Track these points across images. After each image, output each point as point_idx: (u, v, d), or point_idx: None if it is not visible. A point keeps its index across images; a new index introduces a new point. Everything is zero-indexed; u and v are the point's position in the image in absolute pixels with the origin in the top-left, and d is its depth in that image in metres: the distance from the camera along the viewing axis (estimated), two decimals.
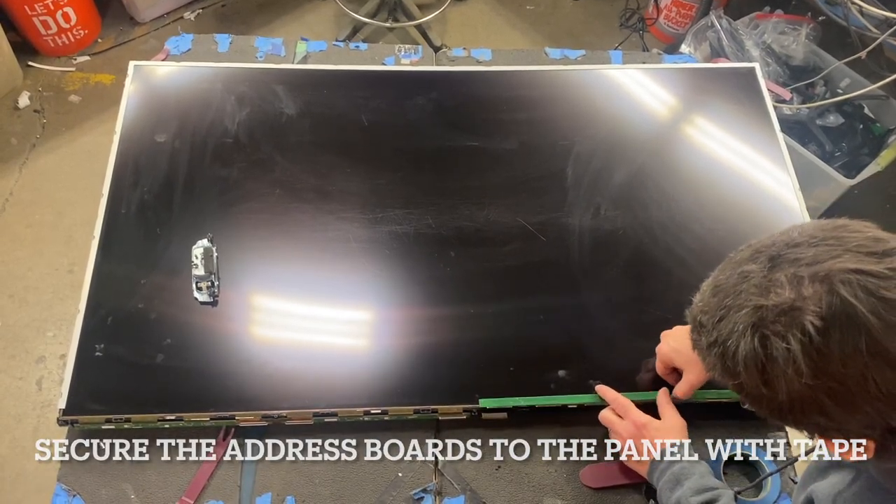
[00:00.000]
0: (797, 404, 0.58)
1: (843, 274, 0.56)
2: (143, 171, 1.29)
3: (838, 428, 0.60)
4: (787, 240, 0.61)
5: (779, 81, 2.32)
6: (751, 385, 0.60)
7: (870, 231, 0.60)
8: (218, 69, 1.44)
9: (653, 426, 1.01)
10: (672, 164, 1.38)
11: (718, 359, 0.63)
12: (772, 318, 0.57)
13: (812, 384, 0.56)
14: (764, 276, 0.60)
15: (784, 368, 0.57)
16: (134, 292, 1.16)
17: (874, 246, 0.58)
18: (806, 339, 0.55)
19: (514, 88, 1.46)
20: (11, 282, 2.18)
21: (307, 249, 1.23)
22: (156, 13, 2.87)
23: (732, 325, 0.60)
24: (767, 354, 0.57)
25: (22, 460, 1.89)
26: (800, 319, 0.56)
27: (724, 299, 0.62)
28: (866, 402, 0.56)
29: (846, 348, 0.55)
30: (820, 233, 0.60)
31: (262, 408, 1.07)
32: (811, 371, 0.56)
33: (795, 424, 0.63)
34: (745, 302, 0.60)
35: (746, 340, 0.59)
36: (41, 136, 2.51)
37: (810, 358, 0.55)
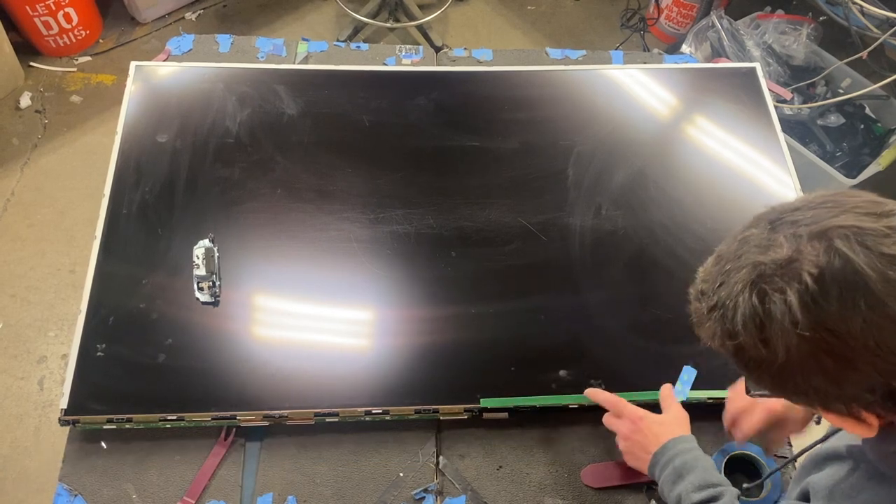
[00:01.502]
0: (796, 363, 0.58)
1: (841, 230, 0.56)
2: (145, 171, 1.29)
3: (839, 393, 0.59)
4: (787, 205, 0.62)
5: (780, 81, 2.32)
6: (750, 346, 0.60)
7: (868, 196, 0.61)
8: (219, 69, 1.44)
9: (651, 419, 1.00)
10: (673, 165, 1.38)
11: (718, 322, 0.62)
12: (769, 272, 0.57)
13: (810, 336, 0.55)
14: (763, 238, 0.60)
15: (781, 321, 0.56)
16: (135, 292, 1.16)
17: (873, 207, 0.58)
18: (803, 287, 0.55)
19: (515, 88, 1.46)
20: (13, 281, 2.18)
21: (308, 249, 1.23)
22: (157, 13, 2.87)
23: (732, 286, 0.60)
24: (765, 309, 0.57)
25: (24, 460, 1.89)
26: (797, 271, 0.56)
27: (725, 265, 0.62)
28: (866, 359, 0.55)
29: (845, 302, 0.54)
30: (819, 198, 0.61)
31: (263, 408, 1.08)
32: (808, 322, 0.55)
33: (796, 393, 0.61)
34: (745, 262, 0.60)
35: (745, 298, 0.59)
36: (42, 136, 2.52)
37: (807, 309, 0.55)
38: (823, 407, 0.62)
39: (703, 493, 0.90)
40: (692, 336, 1.10)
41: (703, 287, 0.65)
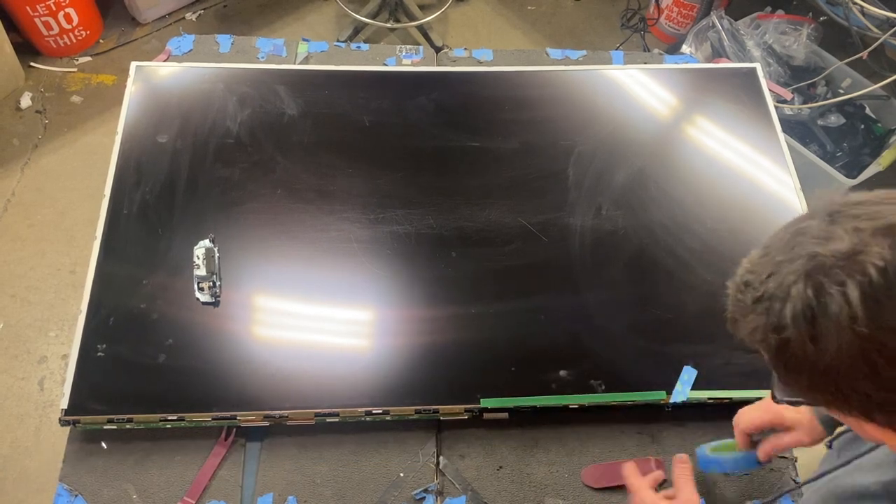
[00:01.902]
0: (845, 364, 0.54)
1: None
2: (145, 171, 1.29)
3: (885, 401, 0.55)
4: (847, 199, 0.59)
5: (780, 81, 2.32)
6: (797, 342, 0.55)
7: None
8: (219, 70, 1.44)
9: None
10: (673, 165, 1.38)
11: (763, 315, 0.58)
12: (830, 264, 0.54)
13: (867, 335, 0.52)
14: (822, 229, 0.56)
15: (837, 316, 0.52)
16: (136, 292, 1.17)
17: None
18: (866, 280, 0.52)
19: (516, 89, 1.46)
20: (13, 282, 2.18)
21: (308, 250, 1.23)
22: (157, 14, 2.88)
23: (783, 278, 0.56)
24: (821, 303, 0.53)
25: (24, 460, 1.89)
26: (861, 264, 0.52)
27: (776, 256, 0.58)
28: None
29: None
30: (882, 194, 0.58)
31: (263, 408, 1.08)
32: (867, 317, 0.51)
33: (836, 397, 0.57)
34: (800, 253, 0.56)
35: (799, 289, 0.55)
36: (43, 136, 2.52)
37: (868, 304, 0.51)
38: (864, 415, 0.58)
39: None
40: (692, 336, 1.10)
41: (749, 278, 0.60)
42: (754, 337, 0.60)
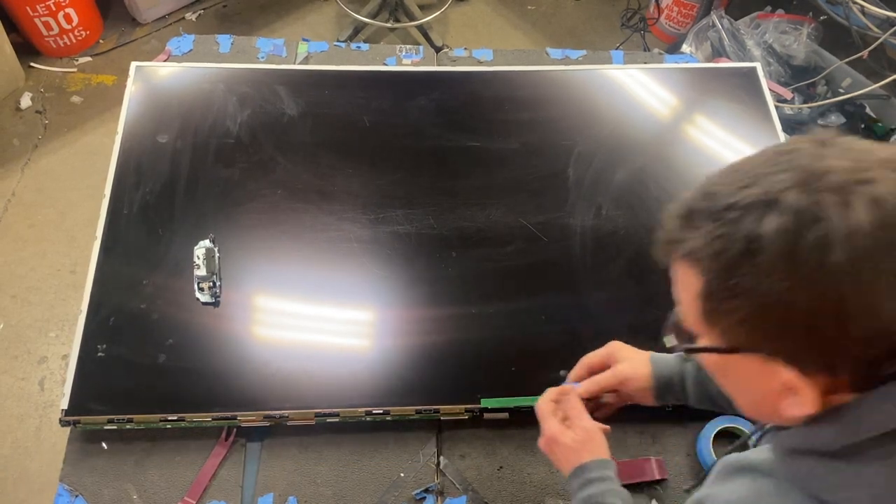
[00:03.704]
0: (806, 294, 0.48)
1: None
2: (145, 171, 1.29)
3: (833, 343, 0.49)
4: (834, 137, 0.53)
5: (780, 81, 2.32)
6: (767, 258, 0.48)
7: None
8: (219, 70, 1.44)
9: (560, 440, 0.90)
10: (673, 165, 1.38)
11: (731, 224, 0.50)
12: (832, 177, 0.48)
13: (856, 260, 0.46)
14: (816, 150, 0.51)
15: (836, 230, 0.46)
16: (136, 293, 1.16)
17: None
18: (877, 194, 0.46)
19: (516, 89, 1.46)
20: (14, 282, 2.18)
21: (309, 250, 1.23)
22: (157, 14, 2.88)
23: (769, 186, 0.49)
24: (816, 214, 0.47)
25: (24, 460, 1.89)
26: (870, 179, 0.47)
27: (755, 170, 0.52)
28: (892, 303, 0.47)
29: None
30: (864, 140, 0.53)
31: (264, 408, 1.08)
32: (867, 240, 0.46)
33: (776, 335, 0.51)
34: (792, 165, 0.50)
35: (791, 196, 0.48)
36: (43, 136, 2.52)
37: (873, 223, 0.46)
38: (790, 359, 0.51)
39: None
40: None
41: (716, 189, 0.53)
42: (705, 251, 0.52)
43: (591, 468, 0.86)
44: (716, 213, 0.52)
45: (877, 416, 0.50)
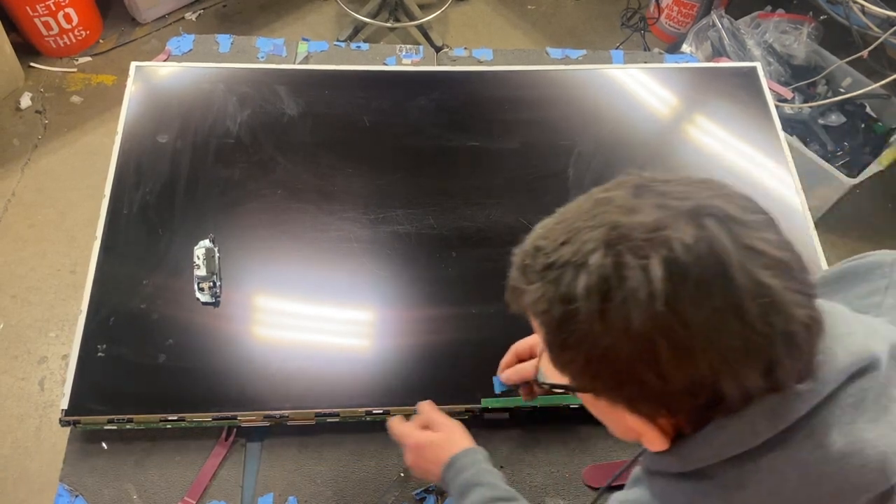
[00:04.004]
0: (625, 346, 0.50)
1: (713, 210, 0.51)
2: (145, 171, 1.29)
3: (660, 390, 0.51)
4: (655, 175, 0.56)
5: (780, 81, 2.32)
6: (584, 317, 0.51)
7: (736, 187, 0.57)
8: (219, 69, 1.44)
9: (426, 443, 0.93)
10: (674, 164, 1.38)
11: (552, 284, 0.53)
12: (633, 235, 0.50)
13: (659, 316, 0.48)
14: (627, 201, 0.53)
15: (635, 291, 0.49)
16: (136, 293, 1.16)
17: (741, 200, 0.54)
18: (671, 256, 0.48)
19: (516, 88, 1.46)
20: (14, 282, 2.18)
21: (309, 250, 1.23)
22: (157, 13, 2.88)
23: (581, 245, 0.52)
24: (619, 274, 0.49)
25: (24, 461, 1.89)
26: (666, 239, 0.49)
27: (575, 223, 0.54)
28: (705, 354, 0.49)
29: (701, 286, 0.48)
30: (690, 177, 0.56)
31: (264, 408, 1.08)
32: (665, 296, 0.48)
33: (607, 384, 0.54)
34: (602, 221, 0.52)
35: (596, 258, 0.50)
36: (43, 136, 2.52)
37: (667, 282, 0.48)
38: (628, 404, 0.55)
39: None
40: None
41: (542, 244, 0.56)
42: (537, 307, 0.55)
43: (461, 457, 0.90)
44: (540, 271, 0.55)
45: (704, 451, 0.55)
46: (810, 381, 0.52)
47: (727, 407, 0.52)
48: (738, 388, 0.51)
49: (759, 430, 0.52)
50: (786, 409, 0.52)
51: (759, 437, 0.53)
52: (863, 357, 0.53)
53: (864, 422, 0.52)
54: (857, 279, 0.70)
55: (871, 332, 0.56)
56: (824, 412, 0.53)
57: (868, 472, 0.51)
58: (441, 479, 0.92)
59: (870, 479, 0.51)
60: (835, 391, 0.53)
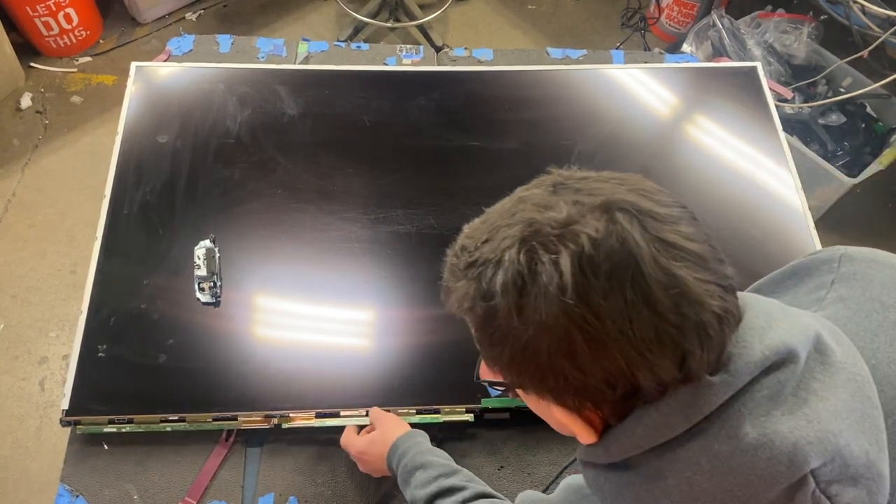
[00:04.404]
0: (544, 339, 0.51)
1: (624, 204, 0.52)
2: (145, 171, 1.29)
3: (580, 382, 0.52)
4: (574, 173, 0.58)
5: (781, 80, 2.32)
6: (503, 312, 0.53)
7: (653, 183, 0.57)
8: (219, 70, 1.44)
9: (366, 445, 1.00)
10: (674, 164, 1.38)
11: (474, 281, 0.55)
12: (545, 231, 0.52)
13: (571, 308, 0.49)
14: (543, 199, 0.55)
15: (547, 286, 0.50)
16: (136, 293, 1.16)
17: (656, 194, 0.55)
18: (579, 250, 0.50)
19: (516, 88, 1.46)
20: (14, 282, 2.18)
21: (309, 250, 1.23)
22: (157, 14, 2.88)
23: (499, 242, 0.54)
24: (532, 269, 0.51)
25: (25, 461, 1.89)
26: (576, 234, 0.51)
27: (496, 221, 0.56)
28: (617, 346, 0.50)
29: (612, 279, 0.49)
30: (608, 174, 0.57)
31: (264, 408, 1.08)
32: (575, 289, 0.49)
33: (532, 377, 0.55)
34: (518, 219, 0.54)
35: (512, 255, 0.52)
36: (43, 136, 2.52)
37: (576, 274, 0.49)
38: (555, 398, 0.56)
39: (431, 488, 0.89)
40: None
41: (466, 243, 0.58)
42: (463, 305, 0.57)
43: (399, 445, 0.96)
44: (464, 269, 0.56)
45: (625, 443, 0.57)
46: (724, 374, 0.53)
47: (644, 398, 0.54)
48: (654, 379, 0.52)
49: (673, 423, 0.54)
50: (699, 401, 0.53)
51: (674, 430, 0.54)
52: (779, 350, 0.54)
53: (780, 414, 0.53)
54: (806, 275, 0.72)
55: (793, 326, 0.56)
56: (738, 404, 0.53)
57: (777, 463, 0.52)
58: (391, 473, 0.97)
59: (779, 471, 0.52)
60: (750, 384, 0.54)
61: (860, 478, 0.54)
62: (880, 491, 0.56)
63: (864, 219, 2.45)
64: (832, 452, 0.53)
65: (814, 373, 0.55)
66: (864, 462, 0.54)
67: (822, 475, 0.53)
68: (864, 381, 0.57)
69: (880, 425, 0.57)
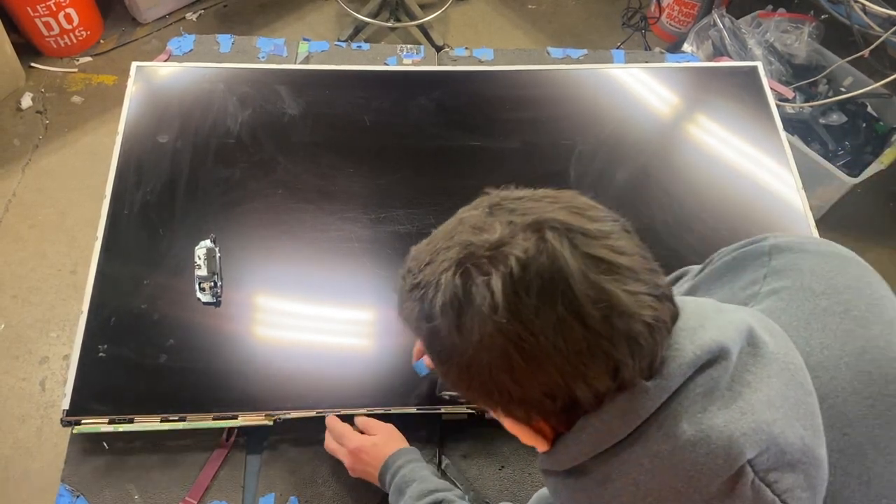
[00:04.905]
0: (486, 356, 0.54)
1: (555, 223, 0.54)
2: (146, 171, 1.29)
3: (522, 395, 0.55)
4: (511, 193, 0.60)
5: (781, 80, 2.31)
6: (445, 331, 0.55)
7: (586, 199, 0.61)
8: (220, 69, 1.44)
9: (367, 444, 1.00)
10: (674, 164, 1.38)
11: (418, 302, 0.58)
12: (479, 253, 0.54)
13: (505, 326, 0.52)
14: (480, 220, 0.57)
15: (480, 306, 0.53)
16: (137, 293, 1.16)
17: (587, 210, 0.58)
18: (507, 272, 0.52)
19: (517, 88, 1.46)
20: (14, 282, 2.18)
21: (309, 250, 1.23)
22: (158, 14, 2.88)
23: (439, 265, 0.57)
24: (466, 290, 0.54)
25: (26, 461, 1.89)
26: (505, 255, 0.53)
27: (438, 243, 0.59)
28: (552, 360, 0.52)
29: (543, 296, 0.52)
30: (543, 192, 0.60)
31: (265, 408, 1.08)
32: (506, 311, 0.52)
33: (480, 391, 0.57)
34: (456, 242, 0.57)
35: (448, 277, 0.55)
36: (44, 136, 2.52)
37: (508, 296, 0.52)
38: (504, 411, 0.59)
39: (423, 502, 0.91)
40: None
41: (411, 265, 0.61)
42: (410, 324, 0.60)
43: (400, 455, 0.98)
44: (409, 291, 0.60)
45: (573, 451, 0.59)
46: (658, 378, 0.55)
47: (584, 408, 0.56)
48: (590, 391, 0.54)
49: (615, 429, 0.56)
50: (637, 406, 0.55)
51: (617, 436, 0.56)
52: (710, 349, 0.55)
53: (715, 409, 0.55)
54: (741, 270, 0.74)
55: (725, 323, 0.58)
56: (675, 404, 0.55)
57: (715, 457, 0.54)
58: (378, 479, 0.99)
59: (717, 465, 0.54)
60: (685, 384, 0.55)
61: (797, 463, 0.56)
62: (818, 474, 0.57)
63: (865, 218, 2.45)
64: (767, 441, 0.54)
65: (747, 366, 0.57)
66: (801, 447, 0.56)
67: (759, 464, 0.54)
68: (797, 369, 0.59)
69: (815, 410, 0.59)
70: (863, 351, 0.63)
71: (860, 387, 0.62)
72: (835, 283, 0.68)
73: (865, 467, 0.61)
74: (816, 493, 0.57)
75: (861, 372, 0.63)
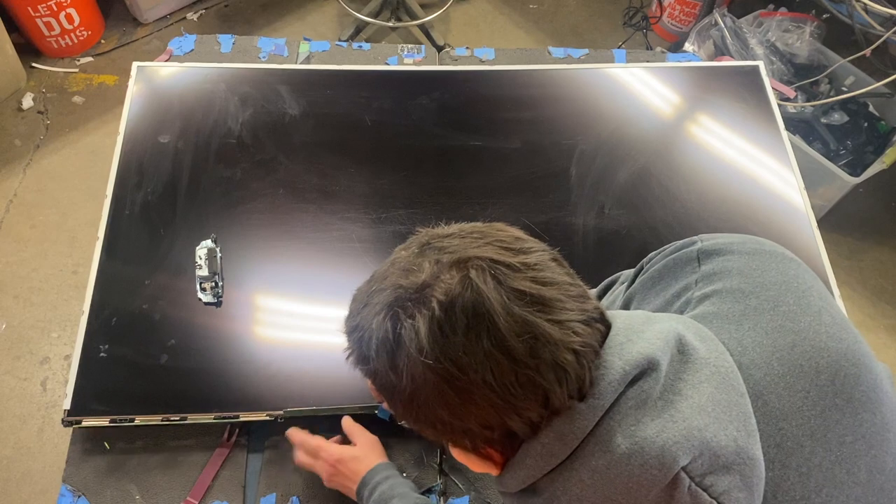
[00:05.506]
0: (421, 393, 0.56)
1: (478, 261, 0.56)
2: (147, 171, 1.29)
3: (462, 427, 0.57)
4: (441, 231, 0.62)
5: (783, 79, 2.31)
6: (381, 371, 0.58)
7: (514, 232, 0.61)
8: (221, 69, 1.44)
9: (347, 456, 0.99)
10: (676, 163, 1.38)
11: (356, 344, 0.61)
12: (406, 296, 0.56)
13: (434, 366, 0.54)
14: (410, 261, 0.59)
15: (409, 348, 0.54)
16: (138, 293, 1.16)
17: (513, 243, 0.59)
18: (430, 314, 0.54)
19: (518, 88, 1.46)
20: (16, 283, 2.18)
21: (311, 250, 1.23)
22: (159, 14, 2.88)
23: (372, 308, 0.59)
24: (396, 334, 0.55)
25: (27, 461, 1.89)
26: (429, 297, 0.55)
27: (374, 286, 0.61)
28: (484, 395, 0.54)
29: (469, 334, 0.53)
30: (470, 228, 0.61)
31: (266, 408, 1.07)
32: (433, 352, 0.53)
33: (425, 424, 0.59)
34: (388, 284, 0.59)
35: (379, 320, 0.57)
36: (45, 137, 2.52)
37: (433, 337, 0.54)
38: (451, 441, 0.61)
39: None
40: None
41: (352, 307, 0.64)
42: (353, 363, 0.63)
43: (379, 470, 0.97)
44: (349, 333, 0.62)
45: (520, 474, 0.60)
46: (590, 398, 0.56)
47: (521, 438, 0.58)
48: (522, 421, 0.56)
49: (555, 451, 0.57)
50: (573, 427, 0.56)
51: (558, 457, 0.57)
52: (638, 363, 0.57)
53: (648, 420, 0.56)
54: (672, 278, 0.75)
55: (653, 335, 0.59)
56: (609, 420, 0.56)
57: (649, 468, 0.54)
58: (356, 493, 0.97)
59: (653, 475, 0.54)
60: (617, 399, 0.56)
61: (732, 465, 0.56)
62: (754, 473, 0.58)
63: (867, 218, 2.45)
64: (699, 447, 0.55)
65: (678, 374, 0.58)
66: (734, 449, 0.56)
67: (693, 470, 0.55)
68: (728, 372, 0.60)
69: (748, 411, 0.60)
70: (793, 345, 0.64)
71: (793, 380, 0.63)
72: (763, 281, 0.68)
73: (804, 458, 0.61)
74: (754, 492, 0.58)
75: (793, 366, 0.63)
